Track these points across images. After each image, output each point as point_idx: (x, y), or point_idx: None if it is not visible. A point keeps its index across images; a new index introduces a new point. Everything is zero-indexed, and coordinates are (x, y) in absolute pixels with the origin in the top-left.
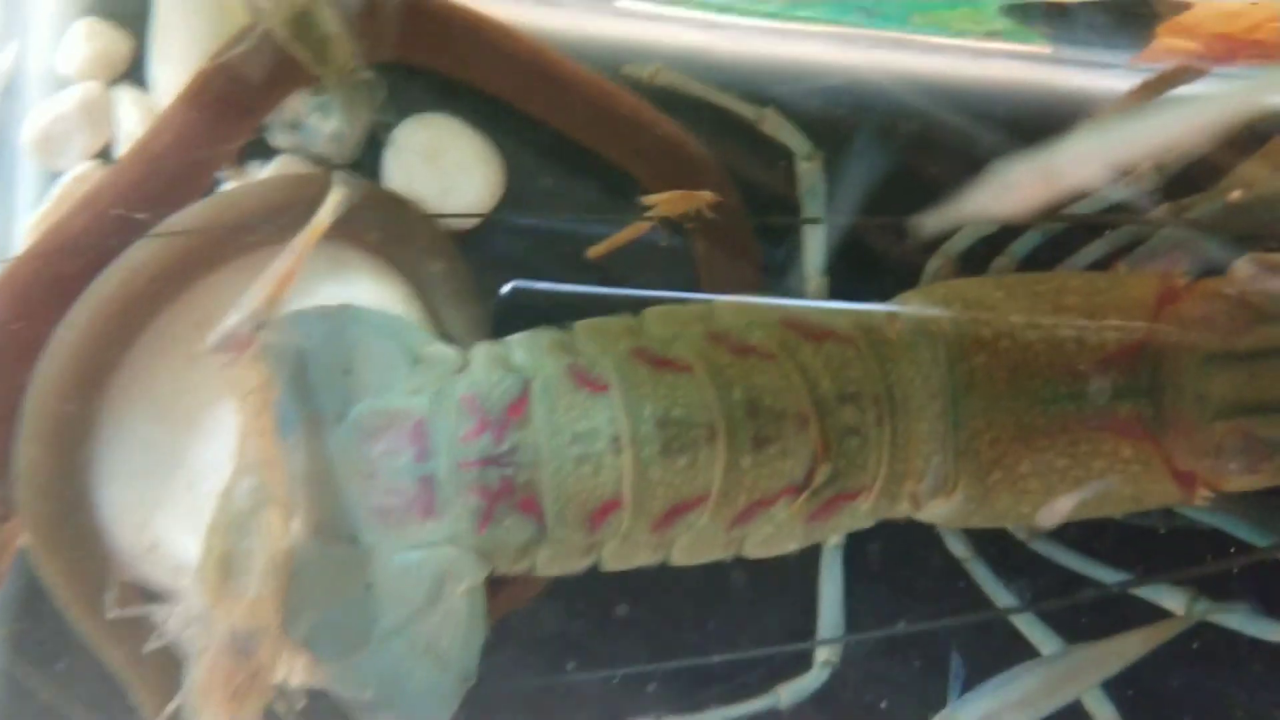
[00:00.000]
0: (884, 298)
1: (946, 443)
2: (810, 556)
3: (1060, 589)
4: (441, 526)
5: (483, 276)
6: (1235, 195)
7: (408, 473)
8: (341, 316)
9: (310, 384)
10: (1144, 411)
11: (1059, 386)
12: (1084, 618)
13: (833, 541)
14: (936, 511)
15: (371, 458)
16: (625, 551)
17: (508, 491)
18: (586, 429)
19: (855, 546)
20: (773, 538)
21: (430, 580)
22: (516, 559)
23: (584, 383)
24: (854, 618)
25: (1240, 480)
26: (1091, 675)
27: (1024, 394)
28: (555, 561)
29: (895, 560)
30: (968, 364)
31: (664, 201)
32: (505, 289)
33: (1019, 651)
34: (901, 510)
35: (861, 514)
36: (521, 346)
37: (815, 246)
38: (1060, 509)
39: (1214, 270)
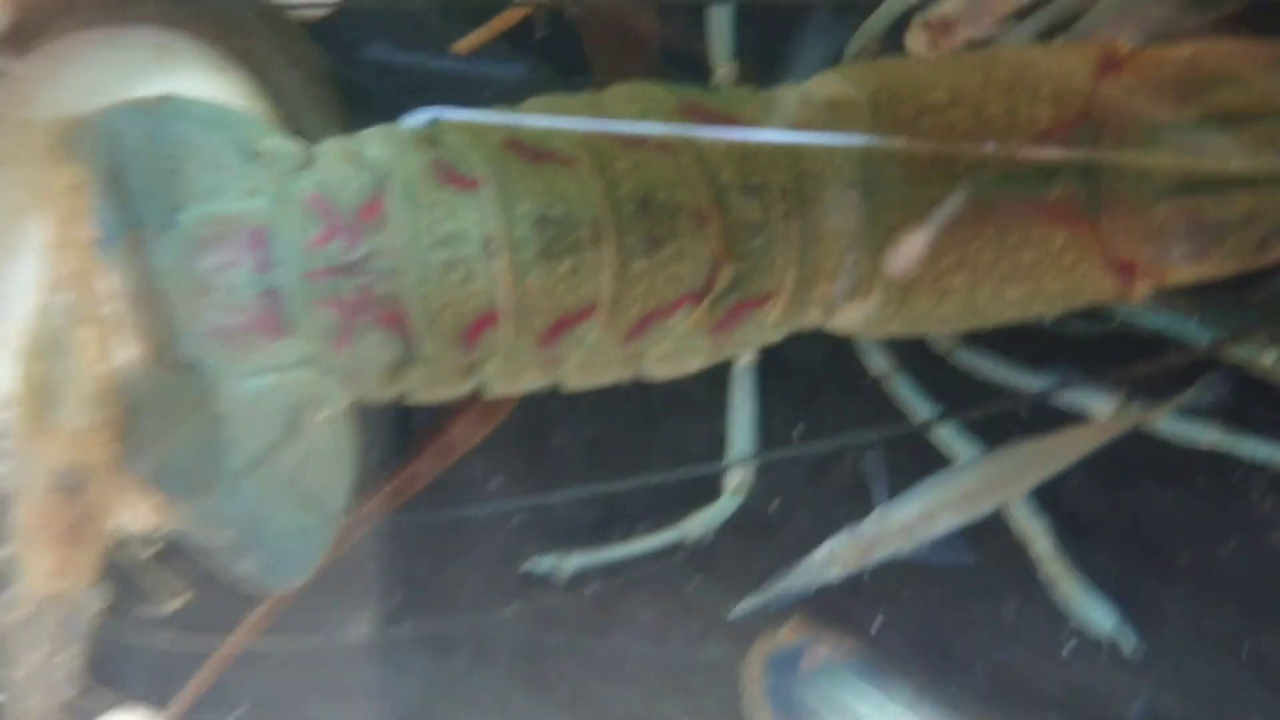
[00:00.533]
0: (799, 80)
1: (861, 238)
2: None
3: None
4: (293, 347)
5: (339, 71)
6: None
7: (247, 286)
8: (165, 109)
9: (130, 187)
10: (1079, 193)
11: (985, 169)
12: (1014, 434)
13: (744, 360)
14: (851, 318)
15: (205, 271)
16: (510, 372)
17: (365, 304)
18: (454, 231)
19: (769, 364)
20: (674, 354)
21: (285, 409)
22: (385, 383)
23: (449, 179)
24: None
25: (1185, 270)
26: (1028, 476)
27: (944, 179)
28: (431, 385)
29: (813, 380)
30: (882, 149)
31: None
32: (421, 118)
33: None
34: (812, 319)
35: (769, 325)
36: (377, 140)
37: (722, 28)
38: (911, 250)
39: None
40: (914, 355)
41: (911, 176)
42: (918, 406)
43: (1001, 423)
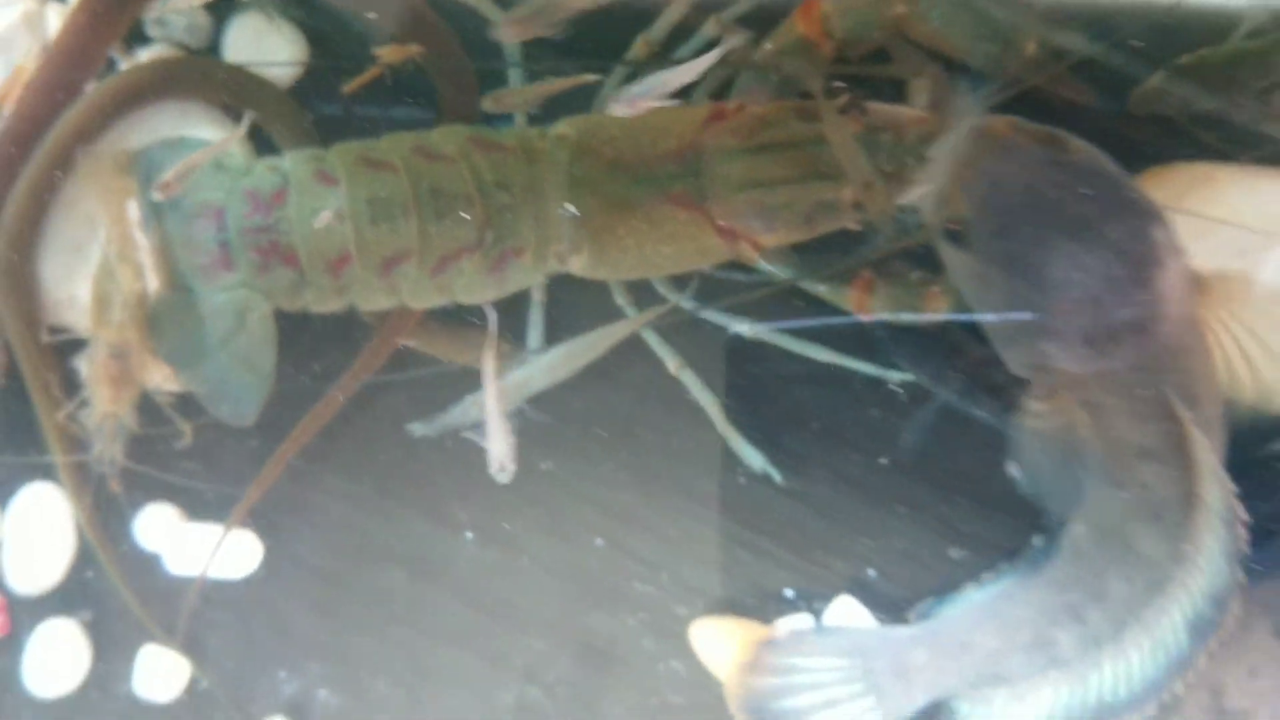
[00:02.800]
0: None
1: (570, 217)
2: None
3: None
4: (236, 276)
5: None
6: (768, 48)
7: (213, 241)
8: (178, 143)
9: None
10: (693, 190)
11: (639, 175)
12: None
13: (536, 299)
14: (578, 266)
15: (192, 233)
16: (367, 294)
17: (274, 249)
18: (322, 207)
19: (552, 305)
20: (472, 285)
21: (235, 312)
22: (291, 297)
23: (324, 179)
24: None
25: (770, 235)
26: (587, 355)
27: (617, 182)
28: (319, 300)
29: (579, 314)
30: (583, 164)
31: (386, 52)
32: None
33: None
34: (555, 266)
35: (527, 269)
36: (288, 158)
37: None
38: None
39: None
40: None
41: (598, 180)
42: (645, 333)
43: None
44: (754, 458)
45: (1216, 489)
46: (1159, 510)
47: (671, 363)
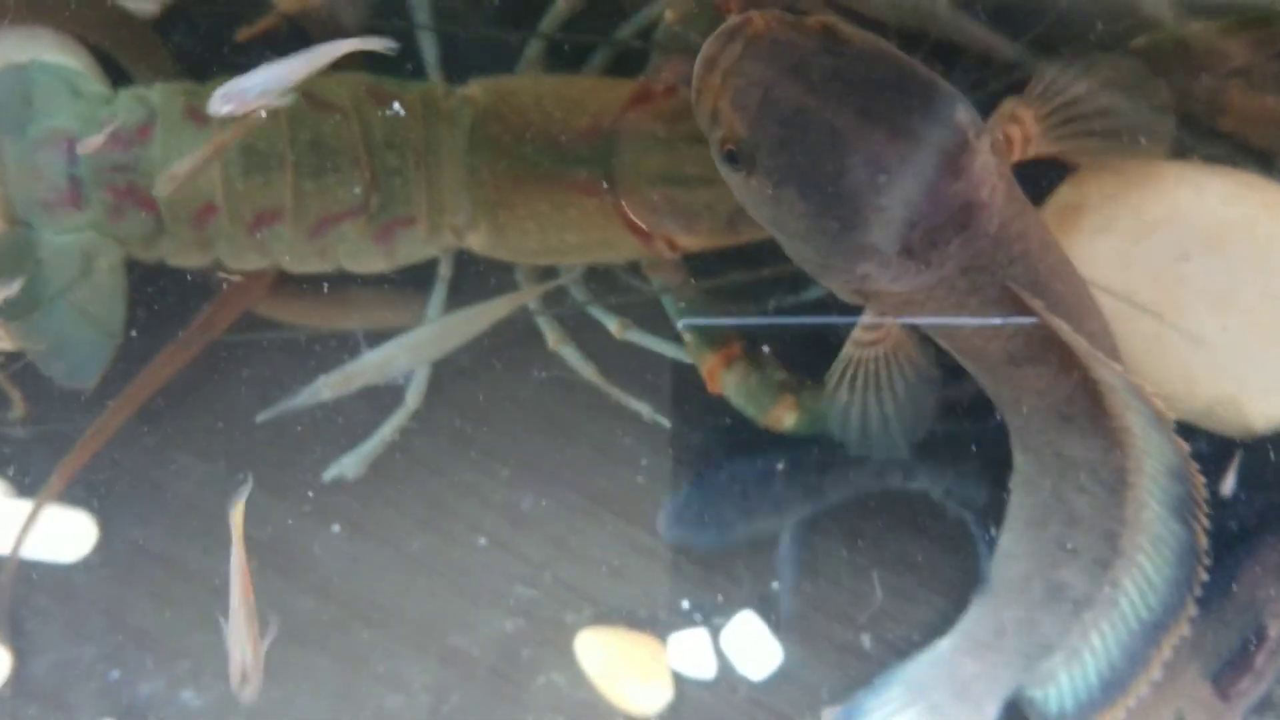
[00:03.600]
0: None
1: (468, 189)
2: None
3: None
4: (85, 216)
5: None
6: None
7: (61, 174)
8: (29, 67)
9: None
10: (601, 176)
11: (545, 152)
12: None
13: (441, 273)
14: (476, 243)
15: (38, 162)
16: (236, 251)
17: (131, 191)
18: (191, 149)
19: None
20: (358, 253)
21: (79, 257)
22: (146, 246)
23: (194, 117)
24: None
25: (690, 239)
26: (459, 334)
27: (520, 156)
28: (178, 253)
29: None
30: (485, 130)
31: (284, 2)
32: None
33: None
34: (451, 240)
35: (422, 240)
36: (157, 90)
37: (430, 46)
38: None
39: None
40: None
41: (501, 151)
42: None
43: None
44: (641, 406)
45: (1107, 369)
46: (1063, 410)
47: (551, 335)
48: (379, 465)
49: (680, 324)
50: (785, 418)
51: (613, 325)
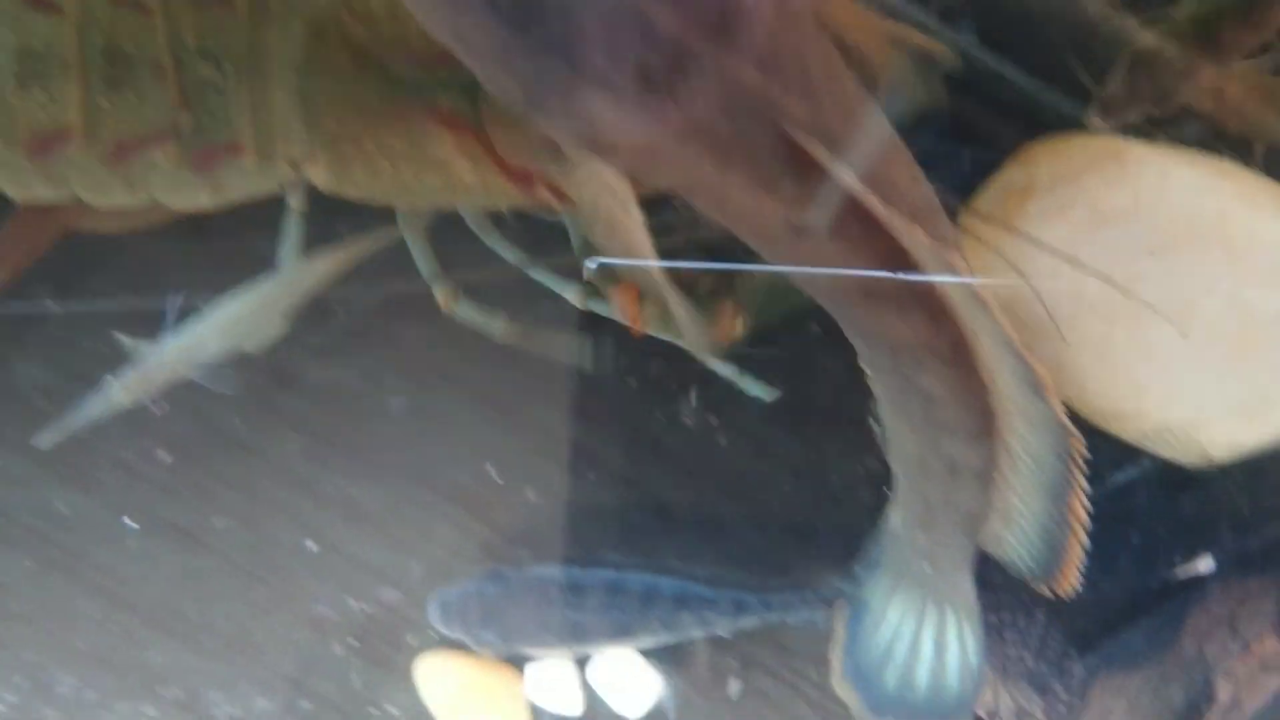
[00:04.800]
0: None
1: (301, 113)
2: None
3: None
4: None
5: None
6: None
7: None
8: None
9: None
10: (463, 107)
11: (394, 75)
12: None
13: (293, 206)
14: (318, 179)
15: None
16: (15, 177)
17: None
18: None
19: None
20: (175, 185)
21: None
22: None
23: None
24: None
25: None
26: (281, 304)
27: (365, 80)
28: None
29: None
30: (324, 42)
31: None
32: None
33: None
34: (288, 173)
35: (251, 170)
36: None
37: None
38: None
39: None
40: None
41: (342, 69)
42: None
43: None
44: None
45: (931, 251)
46: (869, 289)
47: (441, 294)
48: (185, 447)
49: (586, 263)
50: (736, 324)
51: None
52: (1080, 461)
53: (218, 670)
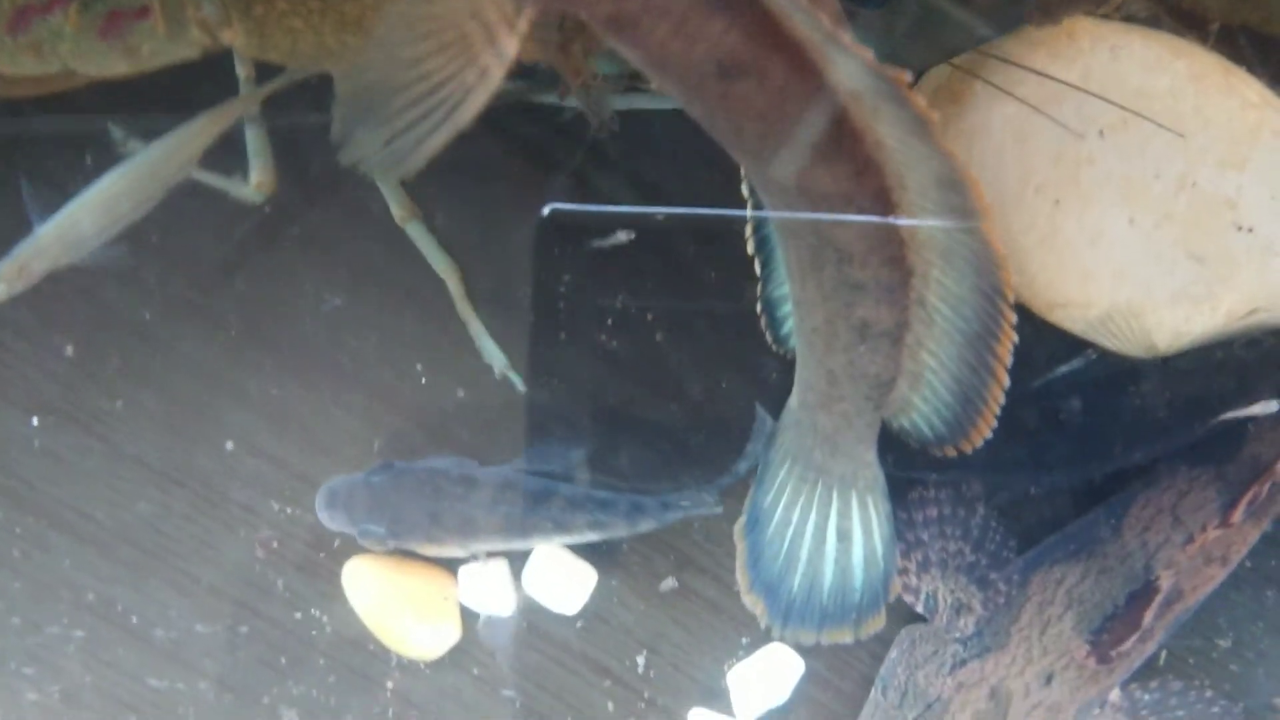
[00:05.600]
0: None
1: None
2: None
3: None
4: None
5: None
6: None
7: None
8: None
9: None
10: None
11: None
12: None
13: (242, 75)
14: (238, 43)
15: None
16: None
17: None
18: None
19: None
20: (84, 53)
21: None
22: None
23: None
24: None
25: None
26: (174, 166)
27: None
28: None
29: None
30: None
31: None
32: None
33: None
34: (201, 39)
35: (164, 38)
36: None
37: None
38: None
39: None
40: None
41: None
42: None
43: None
44: (495, 356)
45: (841, 50)
46: (800, 135)
47: (398, 209)
48: (94, 341)
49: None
50: (586, 64)
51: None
52: (1009, 295)
53: (134, 578)
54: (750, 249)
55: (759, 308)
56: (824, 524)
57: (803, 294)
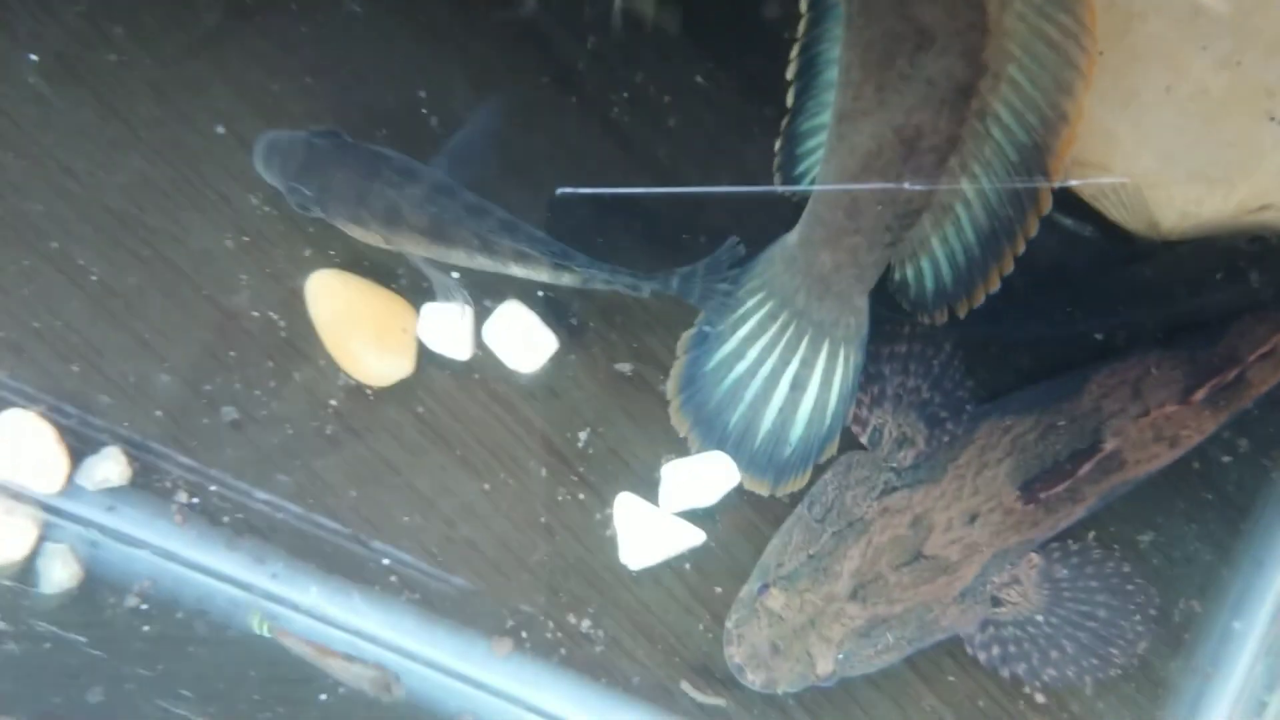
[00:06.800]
0: None
1: None
2: None
3: None
4: None
5: None
6: None
7: None
8: None
9: None
10: None
11: None
12: None
13: None
14: None
15: None
16: None
17: None
18: None
19: None
20: None
21: None
22: None
23: None
24: None
25: None
26: None
27: None
28: None
29: None
30: None
31: None
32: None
33: None
34: None
35: None
36: None
37: None
38: None
39: None
40: None
41: None
42: None
43: None
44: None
45: None
46: None
47: None
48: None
49: None
50: None
51: None
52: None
53: (97, 238)
54: (790, 73)
55: (778, 144)
56: (781, 369)
57: (855, 104)
